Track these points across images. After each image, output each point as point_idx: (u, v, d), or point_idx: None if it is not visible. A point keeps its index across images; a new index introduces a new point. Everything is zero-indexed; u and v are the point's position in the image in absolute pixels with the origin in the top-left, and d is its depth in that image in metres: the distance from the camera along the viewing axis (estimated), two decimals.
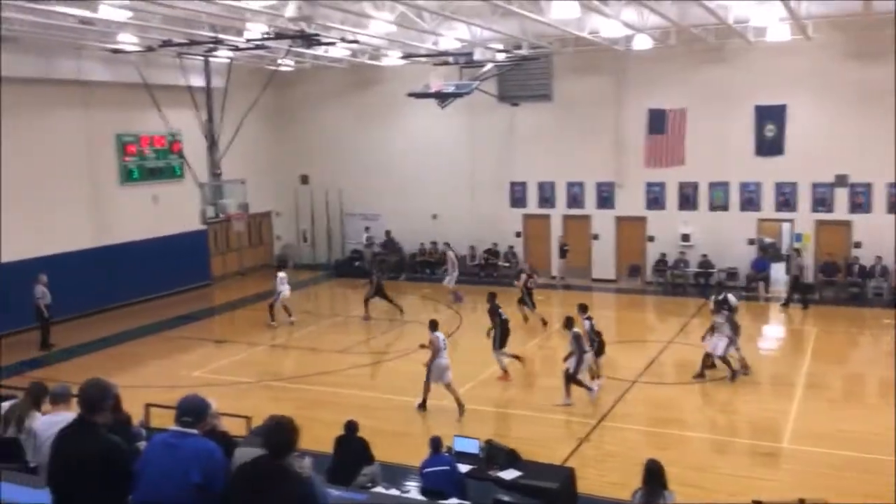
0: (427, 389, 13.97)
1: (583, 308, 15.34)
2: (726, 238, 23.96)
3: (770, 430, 13.19)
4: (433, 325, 14.23)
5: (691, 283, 24.15)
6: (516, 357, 16.20)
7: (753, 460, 12.09)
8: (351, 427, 9.98)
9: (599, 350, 15.25)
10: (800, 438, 12.60)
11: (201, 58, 21.51)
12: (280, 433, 4.73)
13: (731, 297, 16.77)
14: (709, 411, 14.31)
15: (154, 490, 4.82)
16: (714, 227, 24.10)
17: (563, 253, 25.55)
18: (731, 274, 23.94)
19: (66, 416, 6.29)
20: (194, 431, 4.99)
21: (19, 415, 7.58)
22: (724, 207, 24.14)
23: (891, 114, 21.02)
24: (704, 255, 24.04)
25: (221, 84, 22.29)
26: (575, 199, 26.04)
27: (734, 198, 24.00)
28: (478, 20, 19.04)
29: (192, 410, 5.06)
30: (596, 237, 25.93)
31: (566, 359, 14.32)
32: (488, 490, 9.32)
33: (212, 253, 26.78)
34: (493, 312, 16.08)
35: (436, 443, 9.62)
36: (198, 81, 21.87)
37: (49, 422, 6.62)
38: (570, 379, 14.08)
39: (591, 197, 25.80)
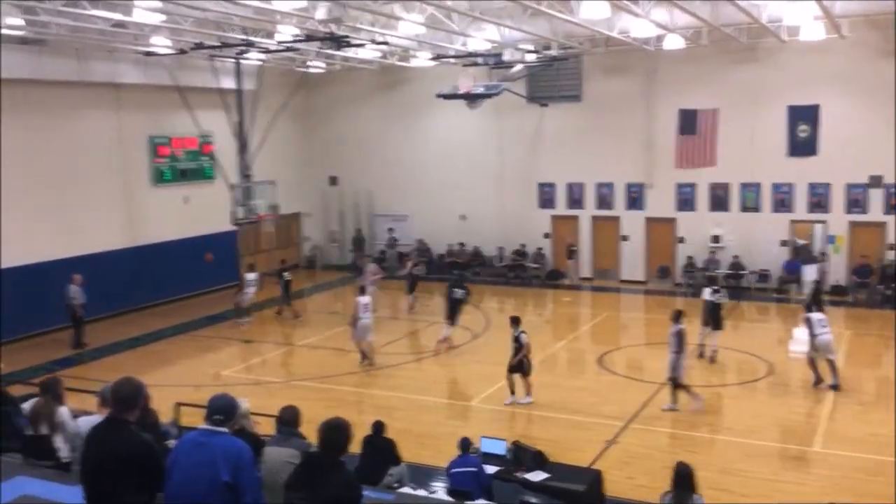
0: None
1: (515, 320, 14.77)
2: (758, 240, 23.69)
3: (800, 434, 13.03)
4: (361, 291, 17.35)
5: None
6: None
7: (783, 464, 11.94)
8: (378, 427, 10.00)
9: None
10: (831, 442, 12.43)
11: (232, 60, 21.74)
12: (334, 432, 5.06)
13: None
14: (738, 414, 14.13)
15: (183, 488, 4.89)
16: (745, 229, 23.84)
17: (570, 254, 25.53)
18: (763, 276, 23.67)
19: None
20: (224, 430, 5.06)
21: (48, 413, 7.67)
22: (756, 209, 23.87)
23: None
24: (736, 257, 23.79)
25: (252, 86, 22.51)
26: (604, 200, 25.91)
27: (766, 199, 23.72)
28: (507, 21, 19.01)
29: (222, 409, 5.13)
30: (625, 238, 25.77)
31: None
32: (515, 492, 9.30)
33: (241, 254, 27.01)
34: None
35: (464, 444, 9.61)
36: (229, 83, 22.09)
37: (90, 422, 6.72)
38: (677, 383, 13.90)
39: (620, 198, 25.65)
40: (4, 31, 16.10)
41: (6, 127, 19.30)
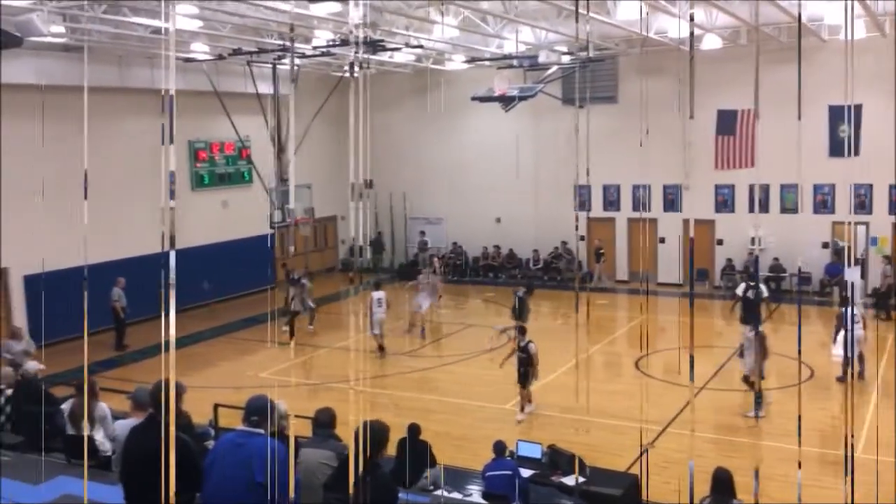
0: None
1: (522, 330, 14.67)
2: (798, 242, 23.31)
3: (840, 439, 12.77)
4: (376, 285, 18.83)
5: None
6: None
7: (822, 469, 11.73)
8: (413, 430, 10.02)
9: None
10: (872, 448, 12.15)
11: (269, 65, 21.98)
12: (373, 433, 5.53)
13: None
14: (778, 418, 13.91)
15: (220, 488, 4.96)
16: (785, 231, 23.47)
17: (598, 257, 25.32)
18: (805, 278, 23.29)
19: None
20: (260, 431, 5.11)
21: (85, 411, 7.80)
22: (796, 210, 23.49)
23: None
24: (776, 259, 23.43)
25: (289, 91, 22.72)
26: (640, 202, 25.70)
27: (807, 200, 23.33)
28: (542, 22, 18.96)
29: (259, 410, 5.20)
30: (662, 240, 25.52)
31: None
32: (551, 495, 9.27)
33: (278, 257, 27.26)
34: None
35: (499, 447, 9.60)
36: (266, 88, 22.33)
37: (126, 425, 6.83)
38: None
39: (657, 200, 25.41)
40: (47, 39, 16.45)
41: (51, 133, 19.73)
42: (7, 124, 18.76)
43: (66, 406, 8.09)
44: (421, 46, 20.62)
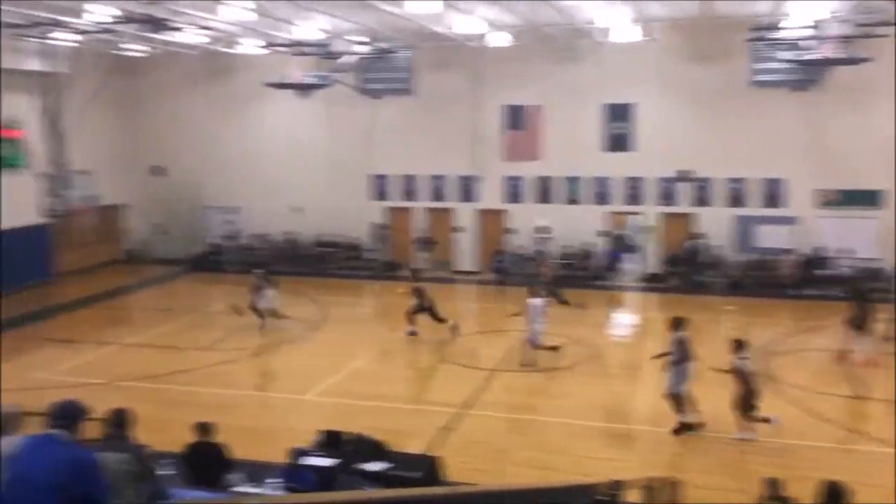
0: None
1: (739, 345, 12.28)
2: (580, 230, 24.93)
3: (619, 413, 13.86)
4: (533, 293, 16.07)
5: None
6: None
7: (606, 442, 12.64)
8: (204, 431, 9.44)
9: None
10: (647, 420, 13.29)
11: (41, 40, 20.18)
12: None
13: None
14: (562, 398, 14.79)
15: (22, 494, 4.66)
16: (569, 220, 25.01)
17: (426, 246, 25.77)
18: (586, 264, 24.93)
19: None
20: (67, 436, 4.92)
21: None
22: (577, 201, 25.10)
23: (728, 112, 22.80)
24: (564, 246, 24.92)
25: (65, 69, 21.02)
26: (437, 192, 26.35)
27: (586, 191, 24.99)
28: (337, 11, 18.86)
29: (65, 414, 5.01)
30: (457, 230, 26.34)
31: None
32: (356, 484, 9.30)
33: (55, 248, 25.17)
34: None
35: (296, 455, 9.57)
36: (38, 65, 20.52)
37: None
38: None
39: (453, 190, 26.19)
40: None
41: None
42: None
43: None
44: (209, 28, 19.76)
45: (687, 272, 23.90)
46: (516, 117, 25.09)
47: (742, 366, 12.04)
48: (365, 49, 22.68)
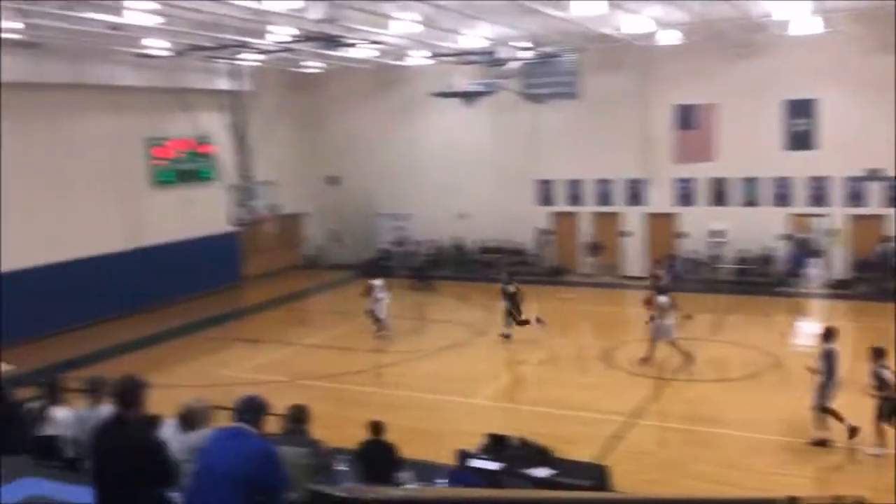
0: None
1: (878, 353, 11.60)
2: (759, 234, 23.68)
3: (804, 427, 13.00)
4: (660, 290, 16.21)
5: (725, 280, 23.93)
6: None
7: (785, 458, 11.91)
8: (376, 430, 9.63)
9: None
10: (834, 435, 12.37)
11: (230, 61, 21.70)
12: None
13: None
14: (742, 408, 14.10)
15: (210, 484, 4.93)
16: (746, 223, 23.84)
17: (593, 251, 25.30)
18: (766, 269, 23.64)
19: (103, 410, 6.38)
20: (252, 430, 5.13)
21: (49, 413, 7.70)
22: (756, 203, 23.86)
23: None
24: (739, 251, 23.78)
25: (249, 87, 22.48)
26: (603, 196, 25.91)
27: (765, 193, 23.71)
28: (502, 18, 19.00)
29: (251, 409, 5.23)
30: (624, 234, 25.77)
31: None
32: (522, 489, 9.28)
33: (242, 254, 26.99)
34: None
35: (462, 458, 9.52)
36: (226, 85, 22.05)
37: (86, 415, 6.73)
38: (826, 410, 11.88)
39: (619, 194, 25.65)
40: (4, 35, 16.05)
41: (6, 130, 19.32)
42: None
43: (33, 406, 7.95)
44: (380, 42, 20.51)
45: (878, 278, 22.08)
46: (688, 117, 24.18)
47: (881, 374, 11.34)
48: (529, 54, 22.70)
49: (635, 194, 25.46)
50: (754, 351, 16.94)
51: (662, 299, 15.89)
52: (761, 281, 23.24)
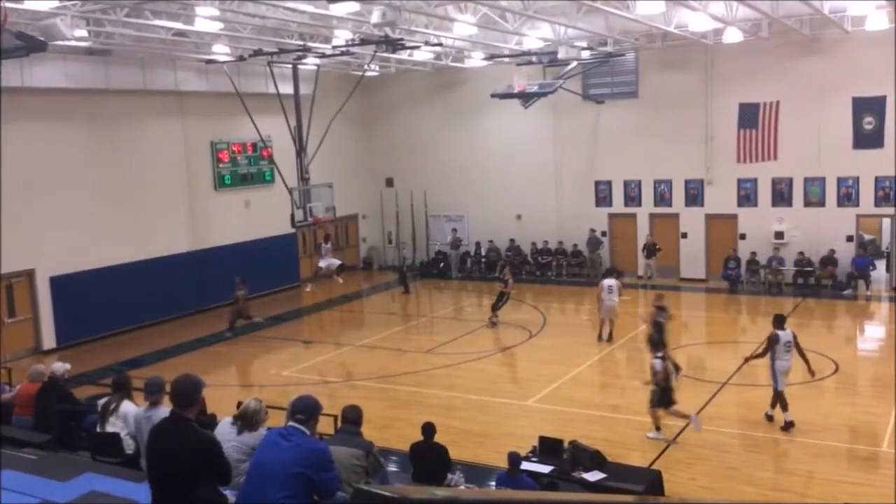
0: None
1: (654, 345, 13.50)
2: (824, 235, 23.07)
3: (868, 434, 12.66)
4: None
5: (787, 282, 23.42)
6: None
7: (851, 465, 11.62)
8: (428, 433, 9.64)
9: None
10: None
11: (290, 65, 22.07)
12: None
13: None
14: (803, 413, 13.77)
15: (263, 485, 5.04)
16: (810, 224, 23.25)
17: (652, 252, 24.88)
18: (831, 272, 23.03)
19: (161, 411, 6.58)
20: (305, 430, 5.21)
21: (113, 405, 7.93)
22: (821, 203, 23.26)
23: None
24: (801, 253, 23.21)
25: (309, 91, 22.80)
26: (662, 198, 25.56)
27: (831, 193, 23.09)
28: (562, 18, 18.92)
29: (305, 409, 5.31)
30: (685, 236, 25.39)
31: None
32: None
33: (300, 255, 27.43)
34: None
35: (513, 461, 9.18)
36: (287, 89, 22.41)
37: (144, 416, 6.94)
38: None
39: (679, 195, 25.27)
40: (72, 43, 16.64)
41: (75, 136, 20.05)
42: (35, 127, 19.15)
43: (100, 403, 8.24)
44: (440, 45, 20.64)
45: None
46: (751, 116, 23.65)
47: (653, 365, 12.43)
48: (588, 54, 22.54)
49: (695, 195, 25.06)
50: (816, 356, 16.50)
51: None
52: (825, 284, 22.66)
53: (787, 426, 12.60)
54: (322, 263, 21.89)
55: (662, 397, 12.35)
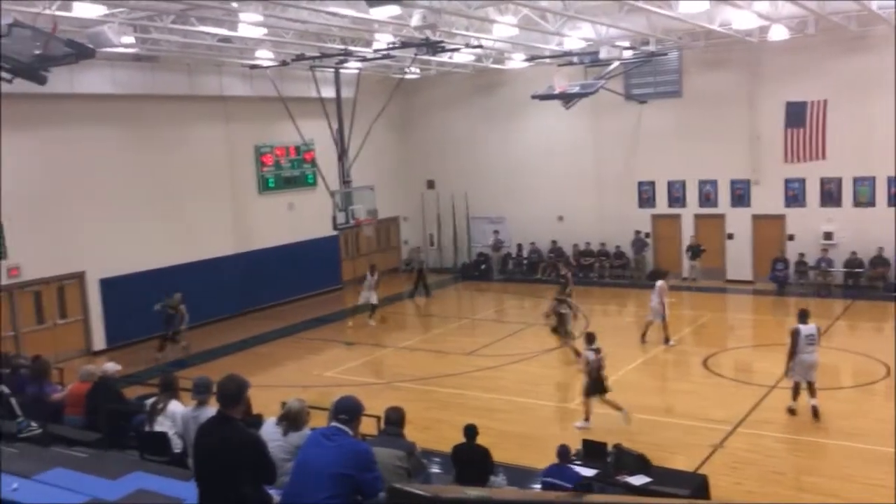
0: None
1: (589, 338, 13.55)
2: (873, 236, 22.55)
3: None
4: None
5: (837, 284, 22.94)
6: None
7: None
8: (470, 435, 9.57)
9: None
10: None
11: (332, 69, 22.28)
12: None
13: None
14: (855, 418, 13.48)
15: (307, 484, 5.09)
16: (860, 225, 22.74)
17: (696, 253, 24.56)
18: (881, 273, 22.50)
19: (208, 411, 6.68)
20: (348, 430, 5.25)
21: (161, 405, 8.08)
22: (871, 203, 22.73)
23: None
24: (854, 253, 22.71)
25: (351, 94, 22.98)
26: (707, 198, 25.21)
27: (882, 193, 22.56)
28: (603, 18, 18.78)
29: (347, 409, 5.37)
30: (731, 237, 25.00)
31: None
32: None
33: (342, 258, 27.63)
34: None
35: (563, 452, 9.34)
36: (329, 92, 22.62)
37: (192, 415, 7.05)
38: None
39: (724, 195, 24.90)
40: (119, 50, 16.99)
41: (123, 141, 20.47)
42: (82, 132, 19.61)
43: (147, 402, 8.39)
44: (481, 46, 20.63)
45: None
46: (798, 114, 23.19)
47: (586, 356, 13.00)
48: (630, 54, 22.34)
49: (741, 195, 24.67)
50: (865, 358, 16.16)
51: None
52: (875, 285, 22.13)
53: (790, 411, 13.21)
54: (361, 299, 21.66)
55: (594, 386, 12.98)
